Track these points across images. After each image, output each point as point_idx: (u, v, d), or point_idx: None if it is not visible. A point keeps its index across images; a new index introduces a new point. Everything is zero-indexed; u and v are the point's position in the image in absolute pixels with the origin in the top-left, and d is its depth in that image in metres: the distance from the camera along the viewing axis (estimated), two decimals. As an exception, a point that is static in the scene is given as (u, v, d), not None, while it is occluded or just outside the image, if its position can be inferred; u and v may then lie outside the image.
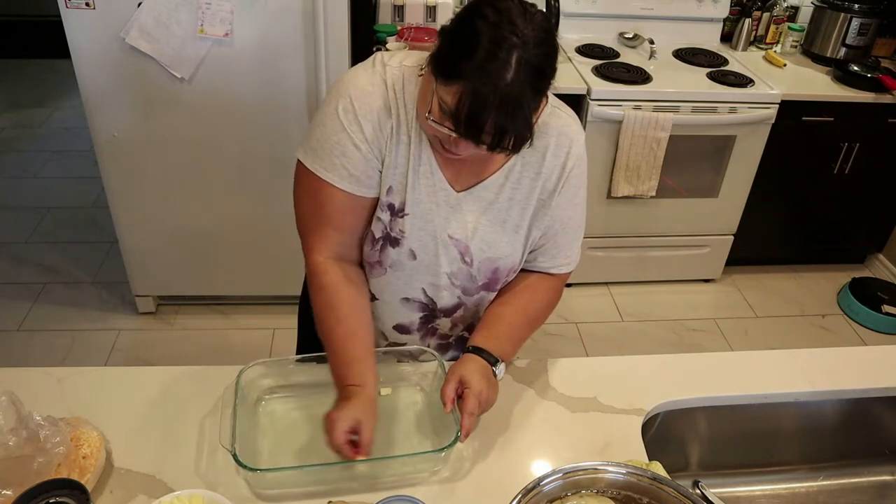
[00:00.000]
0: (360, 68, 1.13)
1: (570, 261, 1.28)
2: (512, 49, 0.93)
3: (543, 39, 0.96)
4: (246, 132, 2.34)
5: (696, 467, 1.37)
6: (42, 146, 3.94)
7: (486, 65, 0.93)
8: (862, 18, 2.87)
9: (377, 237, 1.19)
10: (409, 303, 1.26)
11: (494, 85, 0.93)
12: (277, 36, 2.18)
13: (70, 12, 2.08)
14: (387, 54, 1.14)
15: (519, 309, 1.25)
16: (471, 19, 0.96)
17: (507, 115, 0.94)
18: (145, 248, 2.56)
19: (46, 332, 2.65)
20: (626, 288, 3.09)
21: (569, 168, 1.18)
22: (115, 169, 2.39)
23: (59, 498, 0.96)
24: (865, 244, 3.28)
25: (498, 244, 1.20)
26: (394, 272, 1.22)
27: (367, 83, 1.11)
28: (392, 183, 1.14)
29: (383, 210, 1.16)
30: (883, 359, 1.42)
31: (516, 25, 0.93)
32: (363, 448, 1.06)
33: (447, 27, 1.00)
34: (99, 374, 1.27)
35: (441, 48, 0.99)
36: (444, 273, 1.22)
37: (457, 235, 1.18)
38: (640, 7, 2.96)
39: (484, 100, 0.93)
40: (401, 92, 1.10)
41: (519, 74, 0.93)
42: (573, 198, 1.21)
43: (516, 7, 0.96)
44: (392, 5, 2.74)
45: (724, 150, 2.75)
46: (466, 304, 1.28)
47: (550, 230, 1.22)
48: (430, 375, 1.26)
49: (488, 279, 1.24)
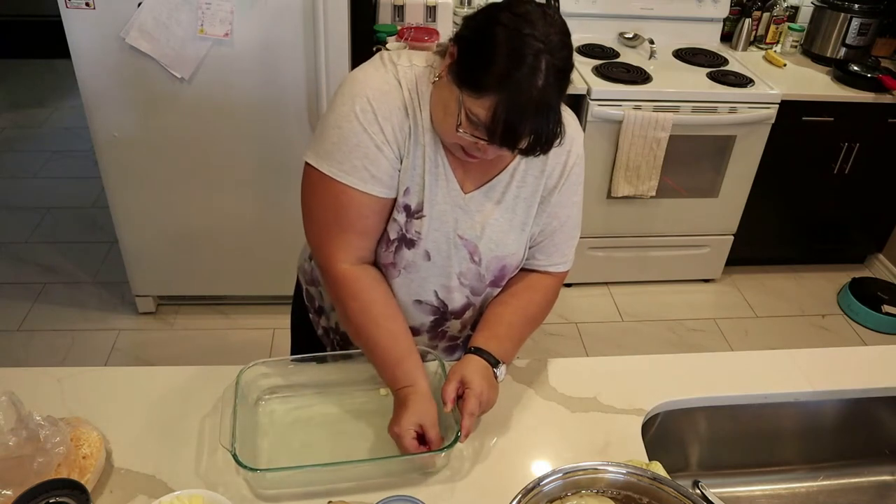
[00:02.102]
0: (371, 68, 1.11)
1: (567, 260, 1.29)
2: (539, 55, 0.93)
3: (565, 42, 0.96)
4: (246, 132, 2.34)
5: (696, 467, 1.37)
6: (42, 146, 3.94)
7: (516, 73, 0.92)
8: (862, 18, 2.87)
9: (392, 238, 1.18)
10: (422, 305, 1.26)
11: (527, 93, 0.93)
12: (277, 36, 2.18)
13: (70, 12, 2.08)
14: (393, 53, 1.13)
15: (518, 309, 1.26)
16: (490, 27, 0.94)
17: (542, 121, 0.95)
18: (145, 248, 2.56)
19: (46, 332, 2.65)
20: (626, 288, 3.09)
21: (570, 166, 1.18)
22: (115, 169, 2.39)
23: (59, 498, 0.96)
24: (865, 244, 3.28)
25: (505, 242, 1.20)
26: (407, 274, 1.21)
27: (382, 83, 1.09)
28: (409, 184, 1.14)
29: (399, 211, 1.15)
30: (883, 359, 1.42)
31: (538, 29, 0.93)
32: (435, 445, 1.09)
33: (466, 35, 0.99)
34: (99, 374, 1.27)
35: (463, 59, 0.98)
36: (455, 274, 1.22)
37: (466, 235, 1.18)
38: (640, 7, 2.96)
39: (519, 110, 0.93)
40: (415, 92, 1.09)
41: (548, 79, 0.93)
42: (572, 196, 1.22)
43: (535, 10, 0.95)
44: (392, 5, 2.74)
45: (724, 150, 2.75)
46: (475, 304, 1.29)
47: (548, 227, 1.23)
48: (430, 376, 1.26)
49: (495, 276, 1.25)
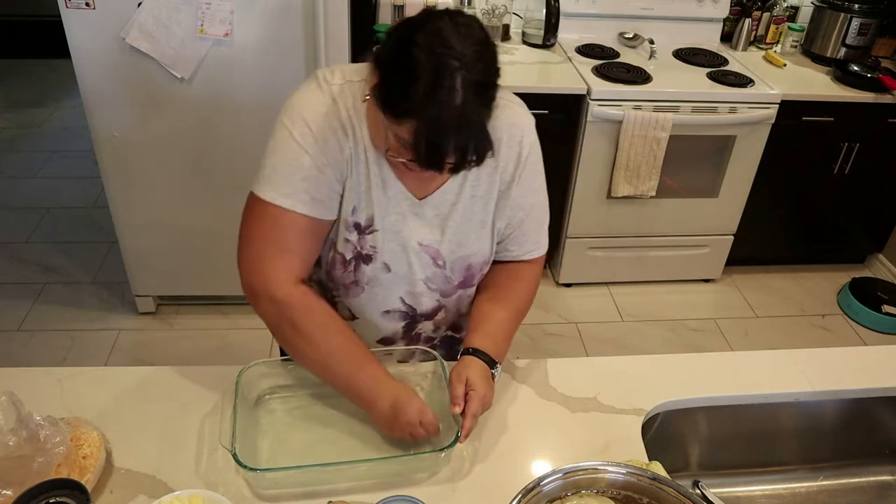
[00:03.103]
0: (306, 90, 1.10)
1: (541, 245, 1.29)
2: (455, 73, 0.91)
3: (482, 52, 0.95)
4: (246, 132, 2.34)
5: (696, 467, 1.37)
6: (42, 146, 3.94)
7: (434, 96, 0.91)
8: (862, 18, 2.87)
9: (349, 258, 1.19)
10: (391, 314, 1.27)
11: (447, 114, 0.92)
12: (277, 36, 2.18)
13: (70, 12, 2.08)
14: (327, 71, 1.12)
15: (505, 303, 1.27)
16: (406, 49, 0.93)
17: (465, 137, 0.94)
18: (145, 248, 2.56)
19: (46, 332, 2.65)
20: (626, 288, 3.09)
21: (524, 157, 1.18)
22: (115, 169, 2.39)
23: (59, 498, 0.96)
24: (865, 244, 3.28)
25: (467, 242, 1.21)
26: (371, 288, 1.22)
27: (318, 104, 1.08)
28: (356, 202, 1.14)
29: (350, 230, 1.16)
30: (883, 359, 1.42)
31: (453, 47, 0.92)
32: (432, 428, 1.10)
33: (384, 58, 0.97)
34: (99, 374, 1.27)
35: (382, 83, 0.97)
36: (420, 280, 1.22)
37: (426, 241, 1.19)
38: (640, 7, 2.96)
39: (440, 131, 0.93)
40: (352, 109, 1.08)
41: (467, 96, 0.92)
42: (532, 183, 1.22)
43: (448, 26, 0.93)
44: (392, 5, 2.74)
45: (724, 150, 2.75)
46: (447, 306, 1.30)
47: (515, 219, 1.23)
48: (429, 375, 1.26)
49: (463, 277, 1.25)
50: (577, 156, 2.66)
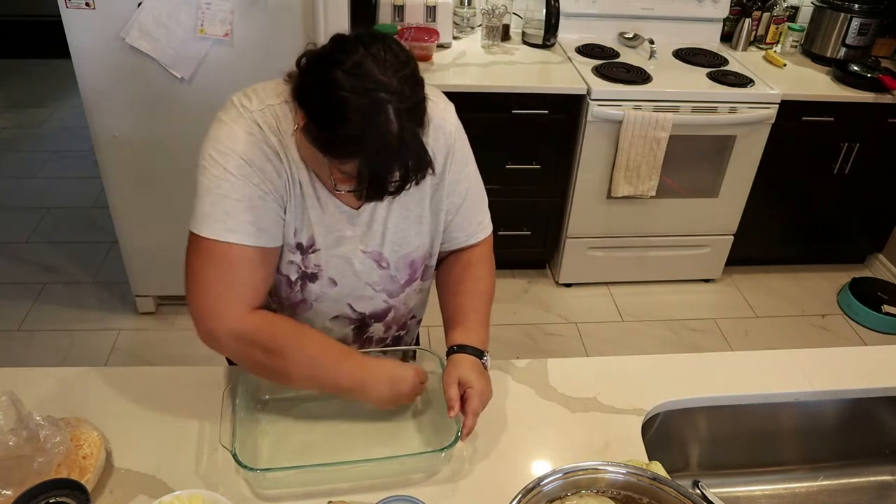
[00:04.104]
0: (229, 121, 1.07)
1: (484, 224, 1.30)
2: (384, 105, 0.92)
3: (406, 76, 0.95)
4: (246, 132, 2.34)
5: (696, 467, 1.37)
6: (42, 146, 3.94)
7: (371, 133, 0.92)
8: (862, 18, 2.87)
9: (294, 279, 1.19)
10: (339, 319, 1.27)
11: (386, 145, 0.93)
12: (277, 36, 2.18)
13: (70, 12, 2.08)
14: (242, 96, 1.09)
15: (472, 292, 1.27)
16: (332, 93, 0.92)
17: (407, 161, 0.95)
18: (145, 248, 2.56)
19: (46, 332, 2.65)
20: (626, 288, 3.09)
21: (451, 145, 1.19)
22: (115, 169, 2.39)
23: (59, 498, 0.96)
24: (865, 244, 3.28)
25: (407, 240, 1.22)
26: (319, 304, 1.23)
27: (246, 133, 1.06)
28: (296, 224, 1.14)
29: (293, 252, 1.16)
30: (883, 359, 1.42)
31: (378, 81, 0.92)
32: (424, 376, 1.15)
33: (309, 101, 0.96)
34: (99, 374, 1.27)
35: (315, 127, 0.96)
36: (366, 283, 1.23)
37: (368, 248, 1.19)
38: (640, 7, 2.96)
39: (383, 164, 0.94)
40: (278, 132, 1.07)
41: (402, 122, 0.93)
42: (463, 169, 1.22)
43: (367, 58, 0.93)
44: (392, 5, 2.74)
45: (723, 150, 2.75)
46: (396, 306, 1.30)
47: (453, 206, 1.24)
48: (429, 375, 1.26)
49: (408, 274, 1.26)
50: (577, 156, 2.67)
